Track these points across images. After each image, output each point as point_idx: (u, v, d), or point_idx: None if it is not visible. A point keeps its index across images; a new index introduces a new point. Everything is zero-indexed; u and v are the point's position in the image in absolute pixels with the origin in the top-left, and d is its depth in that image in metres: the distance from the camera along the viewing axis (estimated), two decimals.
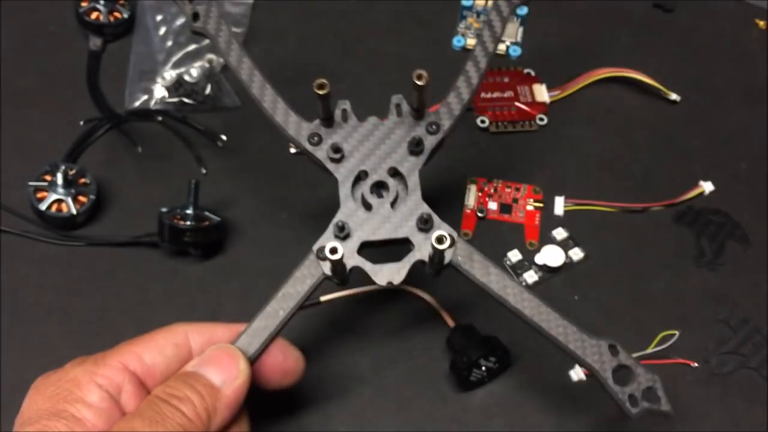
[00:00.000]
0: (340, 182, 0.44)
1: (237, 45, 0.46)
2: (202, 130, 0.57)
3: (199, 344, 0.41)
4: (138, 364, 0.39)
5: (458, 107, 0.45)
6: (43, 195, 0.52)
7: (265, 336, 0.42)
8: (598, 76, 0.61)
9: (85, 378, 0.38)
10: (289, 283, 0.42)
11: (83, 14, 0.60)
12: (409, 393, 0.49)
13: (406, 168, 0.44)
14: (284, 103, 0.45)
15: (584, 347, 0.41)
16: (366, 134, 0.44)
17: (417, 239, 0.43)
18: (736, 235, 0.55)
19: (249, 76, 0.45)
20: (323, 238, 0.43)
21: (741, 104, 0.62)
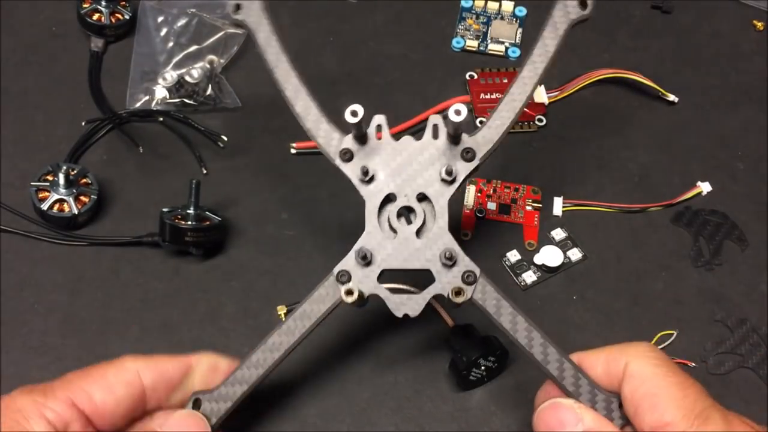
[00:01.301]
0: (367, 203, 0.42)
1: (277, 42, 0.44)
2: (203, 130, 0.58)
3: (150, 381, 0.40)
4: (87, 401, 0.38)
5: (497, 134, 0.43)
6: (44, 195, 0.52)
7: (244, 388, 0.41)
8: (597, 77, 0.61)
9: (32, 409, 0.37)
10: (306, 304, 0.42)
11: (85, 15, 0.61)
12: (409, 393, 0.49)
13: (435, 195, 0.42)
14: (318, 110, 0.44)
15: (595, 401, 0.40)
16: (398, 155, 0.43)
17: (439, 273, 0.42)
18: (734, 235, 0.56)
19: (285, 77, 0.44)
20: (345, 262, 0.42)
21: (739, 105, 0.62)
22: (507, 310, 0.41)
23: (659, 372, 0.37)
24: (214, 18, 0.62)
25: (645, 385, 0.37)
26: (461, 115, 0.39)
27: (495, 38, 0.64)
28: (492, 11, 0.66)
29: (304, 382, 0.49)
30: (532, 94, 0.44)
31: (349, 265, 0.42)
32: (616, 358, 0.39)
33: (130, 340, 0.50)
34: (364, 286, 0.42)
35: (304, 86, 0.44)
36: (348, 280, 0.42)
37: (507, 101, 0.44)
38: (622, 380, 0.38)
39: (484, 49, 0.64)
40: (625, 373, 0.38)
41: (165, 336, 0.50)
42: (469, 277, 0.41)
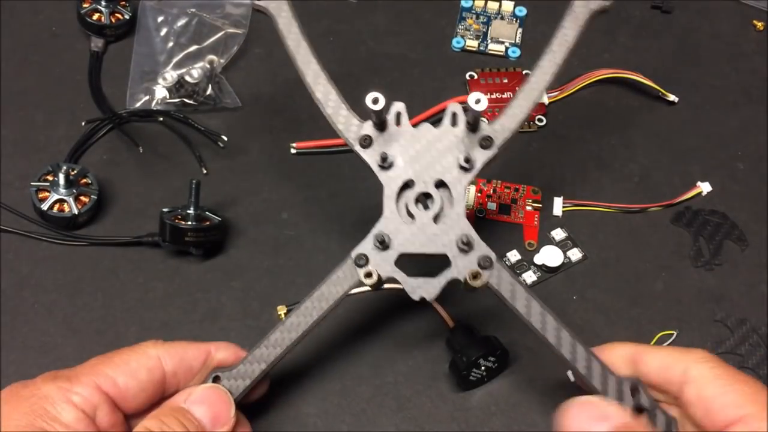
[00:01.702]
0: (385, 188, 0.43)
1: (298, 29, 0.45)
2: (203, 130, 0.58)
3: (171, 367, 0.41)
4: (111, 386, 0.39)
5: (515, 123, 0.44)
6: (45, 195, 0.52)
7: (262, 367, 0.42)
8: (597, 77, 0.61)
9: (59, 395, 0.37)
10: (324, 286, 0.43)
11: (85, 15, 0.61)
12: (409, 393, 0.49)
13: (453, 182, 0.43)
14: (337, 96, 0.44)
15: (606, 384, 0.40)
16: (417, 142, 0.43)
17: (455, 257, 0.42)
18: (734, 235, 0.56)
19: (305, 63, 0.44)
20: (362, 246, 0.43)
21: (739, 105, 0.62)
22: (522, 295, 0.42)
23: (721, 373, 0.38)
24: (214, 18, 0.62)
25: (711, 386, 0.38)
26: (481, 104, 0.40)
27: (495, 38, 0.65)
28: (492, 11, 0.66)
29: (304, 382, 0.49)
30: (550, 83, 0.44)
31: (366, 249, 0.42)
32: (675, 363, 0.40)
33: (130, 340, 0.50)
34: (381, 269, 0.42)
35: (324, 72, 0.45)
36: (366, 263, 0.42)
37: (526, 90, 0.44)
38: (682, 384, 0.39)
39: (484, 49, 0.64)
40: (686, 377, 0.39)
41: (165, 336, 0.50)
42: (485, 262, 0.42)
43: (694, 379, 0.39)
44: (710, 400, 0.38)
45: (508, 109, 0.44)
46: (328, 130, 0.58)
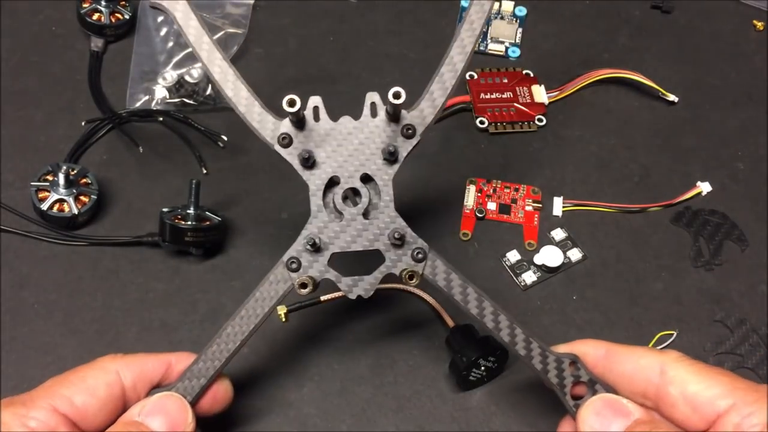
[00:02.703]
0: (311, 188, 0.42)
1: (198, 23, 0.43)
2: (203, 130, 0.58)
3: (130, 380, 0.40)
4: (68, 406, 0.38)
5: (435, 108, 0.43)
6: (44, 195, 0.52)
7: (209, 375, 0.41)
8: (597, 77, 0.61)
9: (14, 421, 0.36)
10: (258, 292, 0.42)
11: (85, 15, 0.61)
12: (409, 393, 0.49)
13: (378, 174, 0.42)
14: (249, 93, 0.42)
15: (546, 362, 0.41)
16: (339, 136, 0.42)
17: (388, 252, 0.42)
18: (734, 235, 0.56)
19: (210, 61, 0.42)
20: (294, 249, 0.42)
21: (738, 105, 0.62)
22: (457, 282, 0.42)
23: (699, 369, 0.39)
24: (214, 18, 0.62)
25: (693, 383, 0.38)
26: (401, 99, 0.39)
27: (495, 38, 0.65)
28: (492, 11, 0.66)
29: (304, 382, 0.49)
30: (470, 58, 0.43)
31: (298, 251, 0.42)
32: (650, 365, 0.40)
33: (130, 340, 0.50)
34: (315, 271, 0.42)
35: (231, 68, 0.42)
36: (298, 267, 0.42)
37: (446, 68, 0.43)
38: (659, 385, 0.39)
39: (484, 49, 0.64)
40: (665, 378, 0.39)
41: (165, 336, 0.50)
42: (419, 254, 0.42)
43: (674, 379, 0.39)
44: (695, 396, 0.38)
45: (428, 92, 0.43)
46: None
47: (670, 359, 0.39)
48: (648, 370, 0.40)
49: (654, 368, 0.40)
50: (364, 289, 0.42)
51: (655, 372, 0.39)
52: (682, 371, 0.39)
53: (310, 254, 0.42)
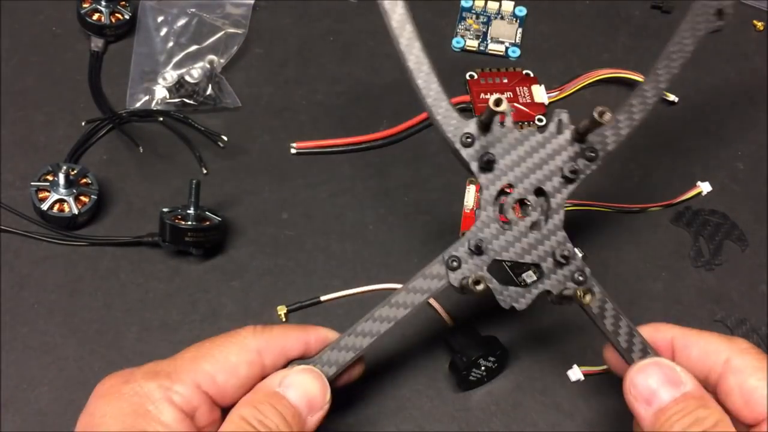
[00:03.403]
0: (484, 191, 0.42)
1: (404, 9, 0.43)
2: (203, 130, 0.58)
3: (271, 360, 0.40)
4: (211, 384, 0.38)
5: (623, 135, 0.43)
6: (44, 195, 0.52)
7: (351, 355, 0.41)
8: (597, 77, 0.61)
9: (159, 394, 0.36)
10: (411, 284, 0.41)
11: (85, 15, 0.60)
12: (409, 393, 0.49)
13: (553, 191, 0.42)
14: (439, 87, 0.42)
15: None
16: (520, 146, 0.42)
17: (549, 269, 0.42)
18: (734, 235, 0.56)
19: (408, 48, 0.42)
20: (456, 248, 0.41)
21: (739, 105, 0.62)
22: (610, 312, 0.41)
23: (764, 365, 0.38)
24: (214, 18, 0.62)
25: (753, 377, 0.38)
26: (606, 117, 0.39)
27: (495, 38, 0.65)
28: (492, 11, 0.66)
29: None
30: (662, 93, 0.44)
31: (460, 252, 0.41)
32: (717, 352, 0.39)
33: (130, 340, 0.50)
34: (473, 273, 0.41)
35: (427, 60, 0.43)
36: (458, 267, 0.41)
37: (637, 101, 0.43)
38: (722, 372, 0.39)
39: (484, 49, 0.64)
40: (728, 367, 0.38)
41: (165, 336, 0.50)
42: (579, 276, 0.41)
43: (737, 370, 0.38)
44: (751, 392, 0.37)
45: (618, 119, 0.43)
46: (328, 130, 0.59)
47: (737, 349, 0.39)
48: (714, 355, 0.39)
49: (721, 355, 0.39)
50: (519, 303, 0.42)
51: (721, 359, 0.39)
52: (745, 362, 0.38)
53: (471, 256, 0.41)
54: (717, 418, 0.37)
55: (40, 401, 0.47)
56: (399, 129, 0.58)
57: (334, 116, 0.60)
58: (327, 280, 0.52)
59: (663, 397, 0.38)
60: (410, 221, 0.55)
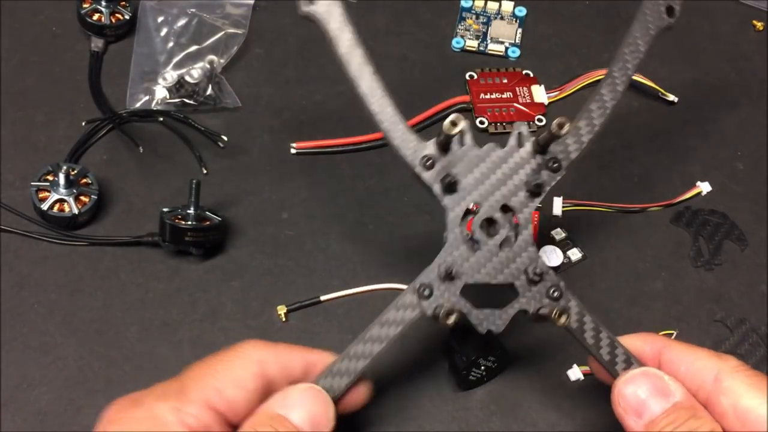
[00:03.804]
0: (449, 213, 0.41)
1: (351, 34, 0.42)
2: (203, 130, 0.58)
3: (275, 373, 0.39)
4: (220, 400, 0.37)
5: (584, 142, 0.42)
6: (45, 195, 0.52)
7: (353, 374, 0.40)
8: (597, 77, 0.61)
9: (171, 417, 0.35)
10: (384, 317, 0.41)
11: (85, 15, 0.61)
12: (409, 392, 0.49)
13: (519, 206, 0.41)
14: (394, 110, 0.41)
15: None
16: (482, 163, 0.41)
17: (523, 287, 0.41)
18: (734, 235, 0.56)
19: (359, 72, 0.41)
20: (426, 275, 0.40)
21: (738, 105, 0.62)
22: (590, 326, 0.41)
23: (755, 383, 0.37)
24: (214, 18, 0.62)
25: (746, 397, 0.37)
26: (564, 129, 0.38)
27: (495, 38, 0.65)
28: (492, 11, 0.66)
29: None
30: (621, 97, 0.43)
31: (431, 278, 0.40)
32: (706, 370, 0.38)
33: (130, 340, 0.50)
34: (446, 300, 0.40)
35: (380, 84, 0.42)
36: (430, 294, 0.40)
37: (596, 106, 0.43)
38: (711, 392, 0.38)
39: (484, 49, 0.64)
40: (719, 387, 0.37)
41: (165, 336, 0.50)
42: (554, 292, 0.41)
43: (728, 390, 0.37)
44: (747, 413, 0.36)
45: (577, 127, 0.42)
46: (328, 130, 0.59)
47: (727, 367, 0.38)
48: (703, 373, 0.38)
49: (709, 373, 0.38)
50: (495, 325, 0.41)
51: (710, 377, 0.38)
52: (737, 382, 0.37)
53: (443, 282, 0.40)
54: (710, 427, 0.36)
55: (40, 401, 0.47)
56: None
57: (334, 116, 0.60)
58: (327, 280, 0.52)
59: (653, 408, 0.37)
60: (410, 221, 0.55)
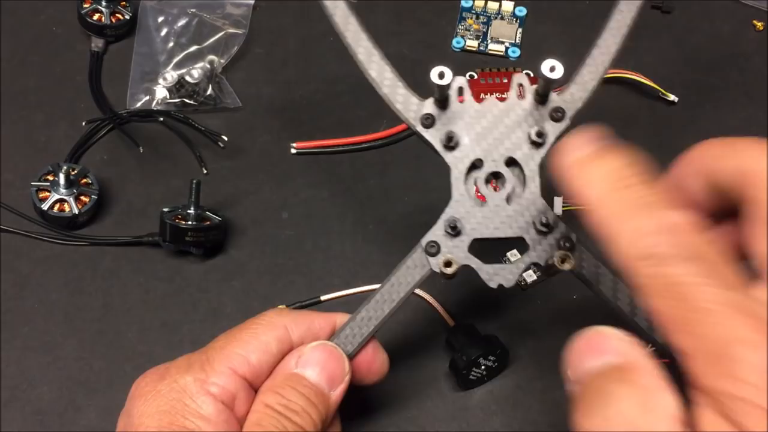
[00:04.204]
0: (453, 170, 0.40)
1: (345, 3, 0.42)
2: (204, 130, 0.58)
3: (297, 336, 0.39)
4: (246, 367, 0.37)
5: (586, 91, 0.41)
6: (45, 195, 0.52)
7: (366, 333, 0.40)
8: None
9: (196, 387, 0.36)
10: (394, 277, 0.41)
11: (85, 15, 0.61)
12: (409, 392, 0.49)
13: (524, 159, 0.40)
14: (393, 74, 0.41)
15: None
16: (483, 118, 0.40)
17: (533, 240, 0.40)
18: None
19: (355, 39, 0.42)
20: (433, 233, 0.40)
21: (738, 105, 0.62)
22: (608, 277, 0.40)
23: None
24: (215, 18, 0.62)
25: None
26: (556, 72, 0.38)
27: (495, 38, 0.65)
28: (492, 11, 0.66)
29: None
30: (622, 44, 0.42)
31: (437, 236, 0.40)
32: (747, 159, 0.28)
33: (130, 340, 0.50)
34: (454, 256, 0.40)
35: (377, 49, 0.42)
36: (437, 252, 0.40)
37: (597, 53, 0.42)
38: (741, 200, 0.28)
39: (484, 49, 0.64)
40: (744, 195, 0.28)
41: (165, 336, 0.50)
42: (566, 243, 0.40)
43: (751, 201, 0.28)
44: None
45: (578, 75, 0.42)
46: (328, 130, 0.59)
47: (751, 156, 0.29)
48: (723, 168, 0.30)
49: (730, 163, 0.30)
50: (505, 279, 0.40)
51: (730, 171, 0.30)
52: None
53: (450, 239, 0.40)
54: None
55: (40, 401, 0.47)
56: (399, 129, 0.58)
57: (334, 116, 0.60)
58: (327, 280, 0.52)
59: None
60: (410, 221, 0.55)
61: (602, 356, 0.28)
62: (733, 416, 0.24)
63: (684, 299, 0.25)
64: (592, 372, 0.27)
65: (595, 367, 0.27)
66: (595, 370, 0.27)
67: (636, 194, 0.27)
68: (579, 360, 0.28)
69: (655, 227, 0.26)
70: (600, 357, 0.28)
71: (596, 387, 0.27)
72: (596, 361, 0.28)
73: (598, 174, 0.29)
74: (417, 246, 0.40)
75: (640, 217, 0.26)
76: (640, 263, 0.26)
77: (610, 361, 0.27)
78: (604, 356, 0.28)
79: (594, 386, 0.27)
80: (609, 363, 0.27)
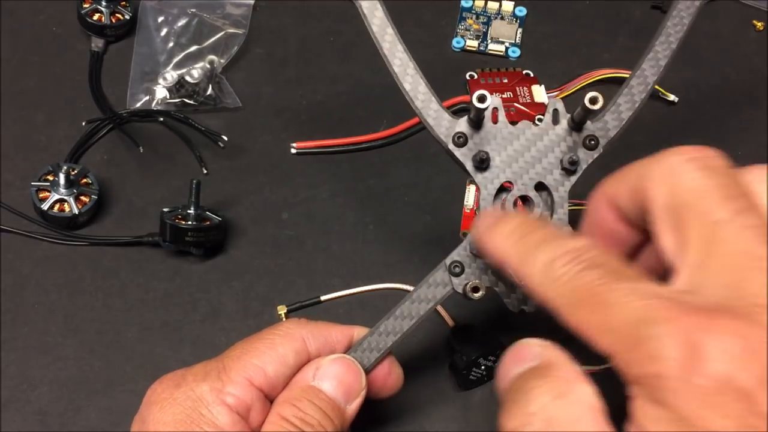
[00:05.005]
0: (482, 191, 0.40)
1: (383, 13, 0.41)
2: (204, 130, 0.58)
3: (315, 348, 0.39)
4: (263, 378, 0.37)
5: (621, 120, 0.41)
6: (45, 195, 0.52)
7: (383, 347, 0.41)
8: (597, 77, 0.61)
9: (212, 397, 0.36)
10: (415, 294, 0.41)
11: (85, 15, 0.61)
12: (409, 392, 0.49)
13: (554, 185, 0.40)
14: (427, 88, 0.41)
15: None
16: (516, 140, 0.40)
17: None
18: None
19: (391, 52, 0.41)
20: (457, 252, 0.40)
21: (739, 105, 0.62)
22: None
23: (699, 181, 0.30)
24: (215, 18, 0.62)
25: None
26: (597, 105, 0.38)
27: (495, 38, 0.65)
28: (492, 11, 0.66)
29: None
30: (663, 72, 0.42)
31: (461, 256, 0.40)
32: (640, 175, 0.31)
33: (130, 340, 0.50)
34: (477, 278, 0.40)
35: (412, 62, 0.41)
36: (461, 272, 0.40)
37: (636, 81, 0.42)
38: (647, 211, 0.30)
39: (484, 49, 0.64)
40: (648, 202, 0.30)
41: (165, 336, 0.50)
42: None
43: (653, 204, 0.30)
44: None
45: (615, 104, 0.42)
46: (328, 130, 0.59)
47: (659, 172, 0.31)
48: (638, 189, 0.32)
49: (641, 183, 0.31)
50: (528, 303, 0.40)
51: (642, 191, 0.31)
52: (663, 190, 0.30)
53: (474, 259, 0.40)
54: None
55: (40, 401, 0.47)
56: (399, 129, 0.58)
57: (334, 116, 0.60)
58: (327, 280, 0.52)
59: None
60: (410, 221, 0.55)
61: (524, 363, 0.30)
62: (663, 398, 0.24)
63: (596, 302, 0.27)
64: (515, 378, 0.30)
65: (518, 373, 0.30)
66: (517, 375, 0.30)
67: (534, 238, 0.31)
68: (506, 371, 0.31)
69: (559, 254, 0.29)
70: (522, 364, 0.30)
71: (516, 388, 0.29)
72: (519, 367, 0.30)
73: (500, 235, 0.33)
74: (441, 264, 0.40)
75: (543, 252, 0.29)
76: (552, 286, 0.29)
77: (531, 365, 0.30)
78: (526, 362, 0.30)
79: (515, 388, 0.29)
80: (529, 366, 0.30)
